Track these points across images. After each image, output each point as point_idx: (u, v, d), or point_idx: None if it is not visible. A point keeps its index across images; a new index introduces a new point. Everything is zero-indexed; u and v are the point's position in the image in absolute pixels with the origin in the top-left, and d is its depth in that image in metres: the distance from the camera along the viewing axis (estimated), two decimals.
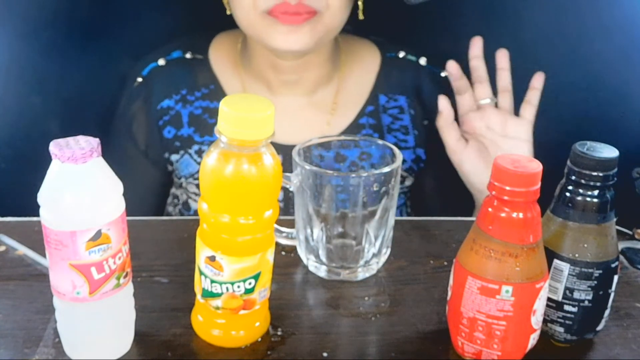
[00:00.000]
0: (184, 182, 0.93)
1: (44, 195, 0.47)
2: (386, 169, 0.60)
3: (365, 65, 0.96)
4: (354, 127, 0.93)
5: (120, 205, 0.50)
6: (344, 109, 0.94)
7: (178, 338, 0.55)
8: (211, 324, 0.54)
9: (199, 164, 0.91)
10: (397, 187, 0.63)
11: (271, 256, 0.54)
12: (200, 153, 0.92)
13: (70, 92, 0.96)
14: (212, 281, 0.52)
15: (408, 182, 0.97)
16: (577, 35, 0.93)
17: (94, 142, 0.48)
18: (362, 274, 0.65)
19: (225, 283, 0.52)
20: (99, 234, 0.48)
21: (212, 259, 0.51)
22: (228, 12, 0.86)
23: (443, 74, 0.96)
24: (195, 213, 0.94)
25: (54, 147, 0.47)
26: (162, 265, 0.65)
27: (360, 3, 0.86)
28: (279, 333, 0.56)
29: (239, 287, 0.52)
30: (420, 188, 1.00)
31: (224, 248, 0.51)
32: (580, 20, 0.92)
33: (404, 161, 0.95)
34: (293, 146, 0.64)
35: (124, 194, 0.50)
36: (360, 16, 0.87)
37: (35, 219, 0.49)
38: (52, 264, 0.49)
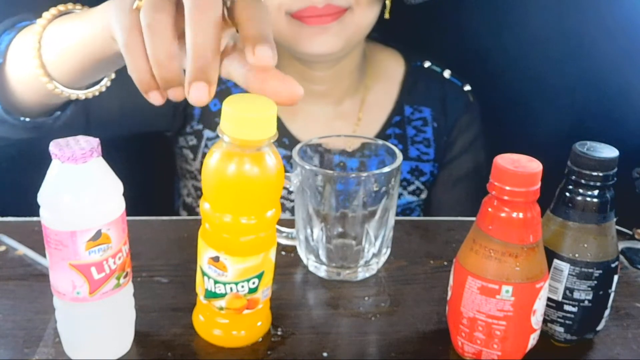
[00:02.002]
0: None
1: (44, 195, 0.47)
2: (386, 169, 0.60)
3: (389, 75, 0.95)
4: (381, 138, 0.92)
5: (120, 205, 0.50)
6: (370, 119, 0.93)
7: (178, 338, 0.55)
8: (213, 323, 0.54)
9: None
10: (397, 187, 0.63)
11: (273, 255, 0.54)
12: None
13: None
14: (216, 282, 0.52)
15: (424, 195, 0.97)
16: (578, 35, 0.93)
17: (94, 142, 0.48)
18: (362, 274, 0.65)
19: (229, 283, 0.52)
20: (99, 234, 0.48)
21: (215, 259, 0.51)
22: None
23: (466, 88, 0.96)
24: None
25: (54, 147, 0.47)
26: (162, 265, 0.65)
27: (387, 2, 0.84)
28: (279, 333, 0.56)
29: (242, 287, 0.52)
30: (431, 202, 0.99)
31: (228, 248, 0.51)
32: (581, 21, 0.92)
33: (423, 173, 0.95)
34: None
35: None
36: (387, 15, 0.85)
37: (35, 219, 0.49)
38: (52, 264, 0.49)
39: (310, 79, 0.89)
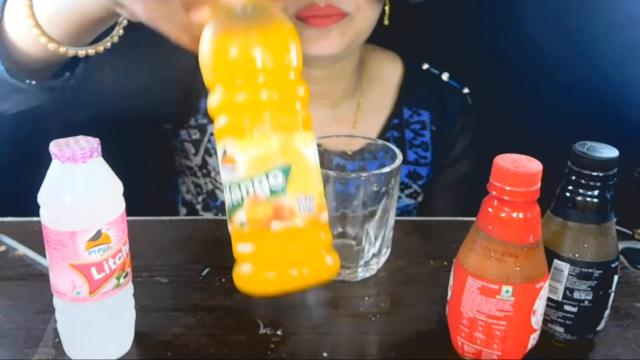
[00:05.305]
0: (214, 173, 0.91)
1: (44, 195, 0.47)
2: (386, 169, 0.60)
3: (387, 78, 0.95)
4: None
5: (120, 205, 0.50)
6: (367, 122, 0.93)
7: (178, 338, 0.55)
8: (262, 263, 0.42)
9: None
10: (397, 187, 0.63)
11: (310, 150, 0.44)
12: None
13: None
14: (231, 186, 0.42)
15: (421, 198, 0.96)
16: (577, 36, 0.93)
17: (94, 142, 0.48)
18: (362, 274, 0.65)
19: (243, 182, 0.41)
20: (99, 234, 0.48)
21: (224, 153, 0.42)
22: None
23: (464, 91, 0.96)
24: (223, 204, 0.92)
25: (54, 147, 0.47)
26: (162, 265, 0.65)
27: (387, 8, 0.84)
28: (279, 333, 0.56)
29: (261, 183, 0.41)
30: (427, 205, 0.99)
31: (231, 128, 0.42)
32: (581, 21, 0.92)
33: (420, 177, 0.95)
34: None
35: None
36: (386, 21, 0.85)
37: (35, 219, 0.49)
38: (52, 264, 0.49)
39: (309, 80, 0.89)
